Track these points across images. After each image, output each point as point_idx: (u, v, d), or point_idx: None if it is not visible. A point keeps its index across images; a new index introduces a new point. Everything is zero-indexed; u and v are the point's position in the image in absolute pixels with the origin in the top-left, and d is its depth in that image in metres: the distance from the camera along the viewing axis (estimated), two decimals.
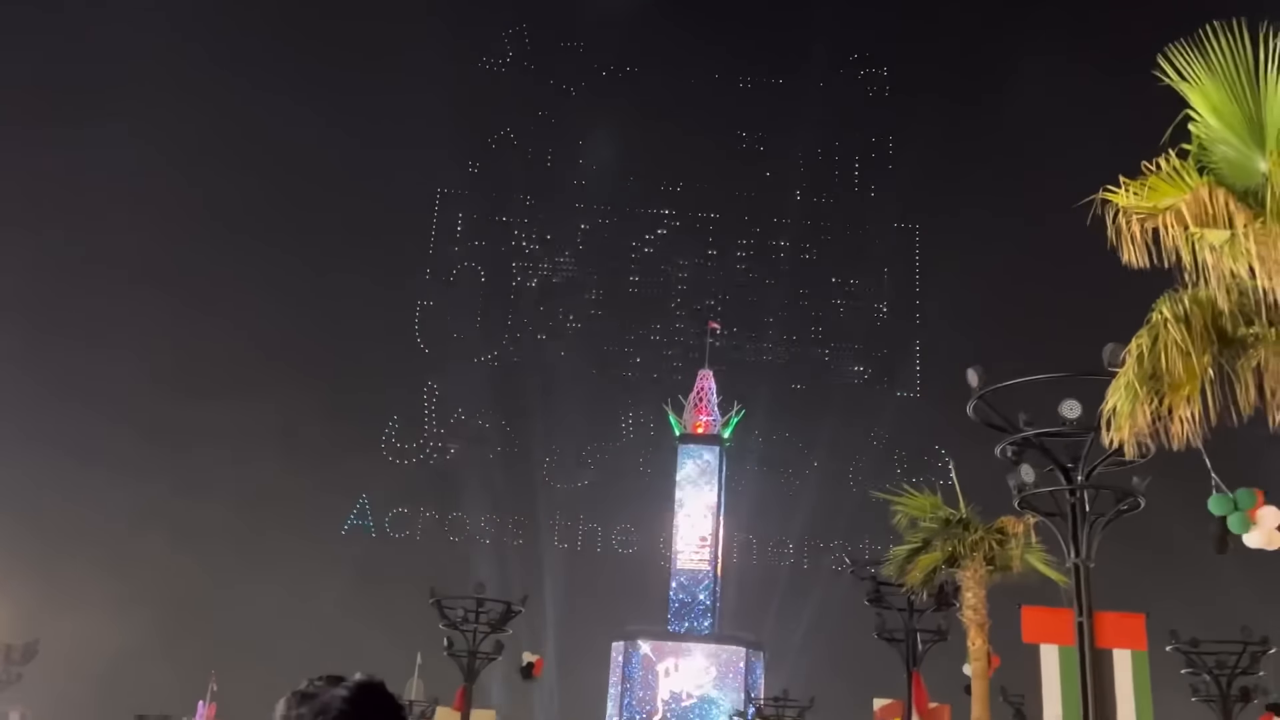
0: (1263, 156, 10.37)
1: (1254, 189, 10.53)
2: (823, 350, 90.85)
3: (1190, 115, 10.88)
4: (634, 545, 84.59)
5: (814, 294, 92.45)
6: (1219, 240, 10.44)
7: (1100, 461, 15.65)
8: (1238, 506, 12.64)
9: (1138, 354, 10.79)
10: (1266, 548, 12.40)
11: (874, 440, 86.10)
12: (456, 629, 30.86)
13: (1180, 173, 10.60)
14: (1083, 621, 14.95)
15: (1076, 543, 15.48)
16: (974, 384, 16.33)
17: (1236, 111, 10.54)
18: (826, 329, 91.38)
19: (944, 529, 20.37)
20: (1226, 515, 12.76)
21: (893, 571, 22.05)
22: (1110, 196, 10.79)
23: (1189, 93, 10.69)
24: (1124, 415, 10.94)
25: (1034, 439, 16.06)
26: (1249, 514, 12.38)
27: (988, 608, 20.52)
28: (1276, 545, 12.42)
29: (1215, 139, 10.76)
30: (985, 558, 19.99)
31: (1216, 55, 10.47)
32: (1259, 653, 28.90)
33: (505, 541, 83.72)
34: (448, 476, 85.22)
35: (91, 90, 79.90)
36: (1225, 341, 11.05)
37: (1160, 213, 10.35)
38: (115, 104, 79.23)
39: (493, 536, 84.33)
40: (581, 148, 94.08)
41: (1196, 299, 10.78)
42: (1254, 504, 12.41)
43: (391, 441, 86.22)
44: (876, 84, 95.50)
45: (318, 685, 2.98)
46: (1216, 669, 29.11)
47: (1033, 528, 19.30)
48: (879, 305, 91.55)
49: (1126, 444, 10.99)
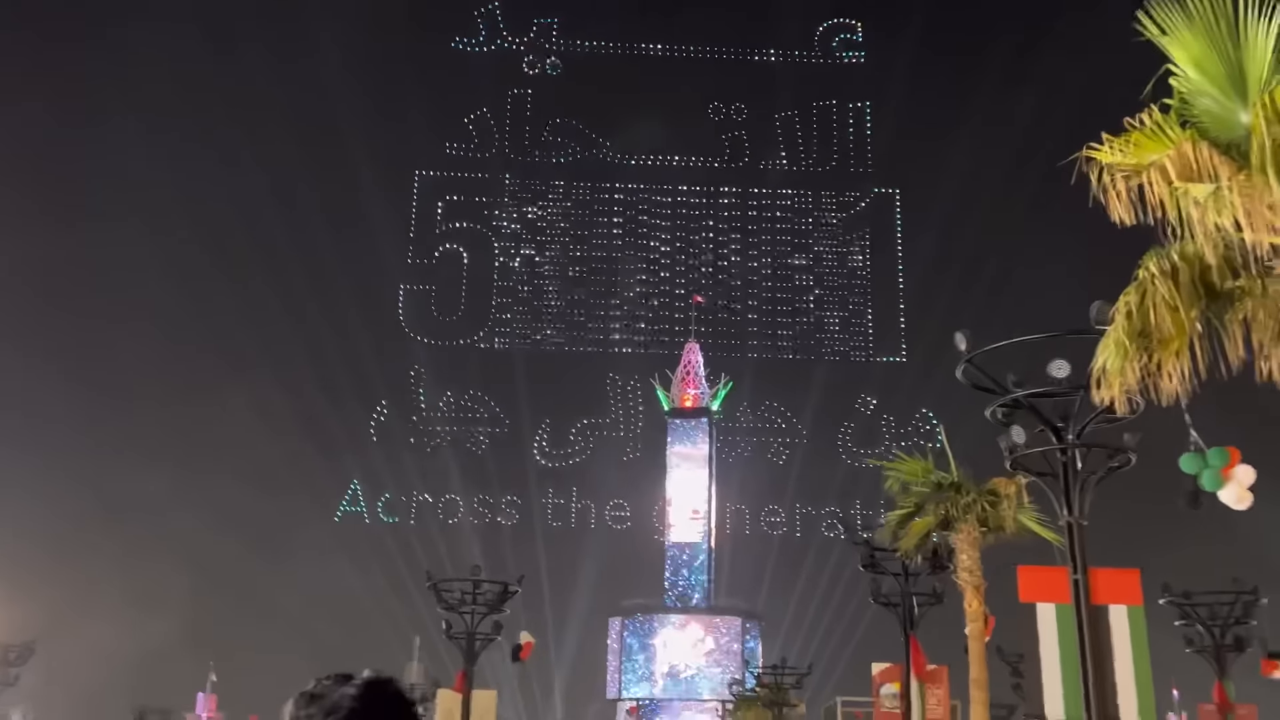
0: (1245, 109, 10.31)
1: (1237, 141, 10.49)
2: (807, 319, 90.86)
3: (1171, 69, 10.83)
4: (628, 521, 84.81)
5: (796, 262, 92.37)
6: (1204, 194, 10.40)
7: (1091, 420, 15.69)
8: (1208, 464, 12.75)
9: (1126, 311, 10.79)
10: (1236, 506, 12.54)
11: (861, 407, 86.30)
12: (454, 611, 30.92)
13: (1163, 127, 10.54)
14: (1078, 579, 15.02)
15: (1069, 501, 15.53)
16: (961, 347, 16.33)
17: (1217, 64, 10.48)
18: (810, 297, 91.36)
19: (936, 493, 20.42)
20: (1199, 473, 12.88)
21: (887, 537, 22.12)
22: (1093, 154, 10.74)
23: (1169, 46, 10.63)
24: (1114, 373, 10.93)
25: (1024, 400, 16.07)
26: (1222, 472, 12.51)
27: (982, 569, 20.63)
28: (1246, 504, 12.59)
29: (1197, 92, 10.70)
30: (978, 520, 20.04)
31: (1196, 7, 10.41)
32: (1250, 602, 29.17)
33: (500, 523, 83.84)
34: (439, 459, 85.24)
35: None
36: (1213, 295, 11.05)
37: (1144, 169, 10.31)
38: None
39: (487, 518, 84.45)
40: (559, 125, 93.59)
41: (1183, 254, 10.75)
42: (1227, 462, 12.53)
43: (382, 425, 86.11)
44: (852, 47, 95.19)
45: (326, 684, 2.88)
46: (1210, 620, 29.38)
47: (1025, 488, 19.35)
48: (862, 270, 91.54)
49: (1117, 401, 10.98)
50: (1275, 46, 10.34)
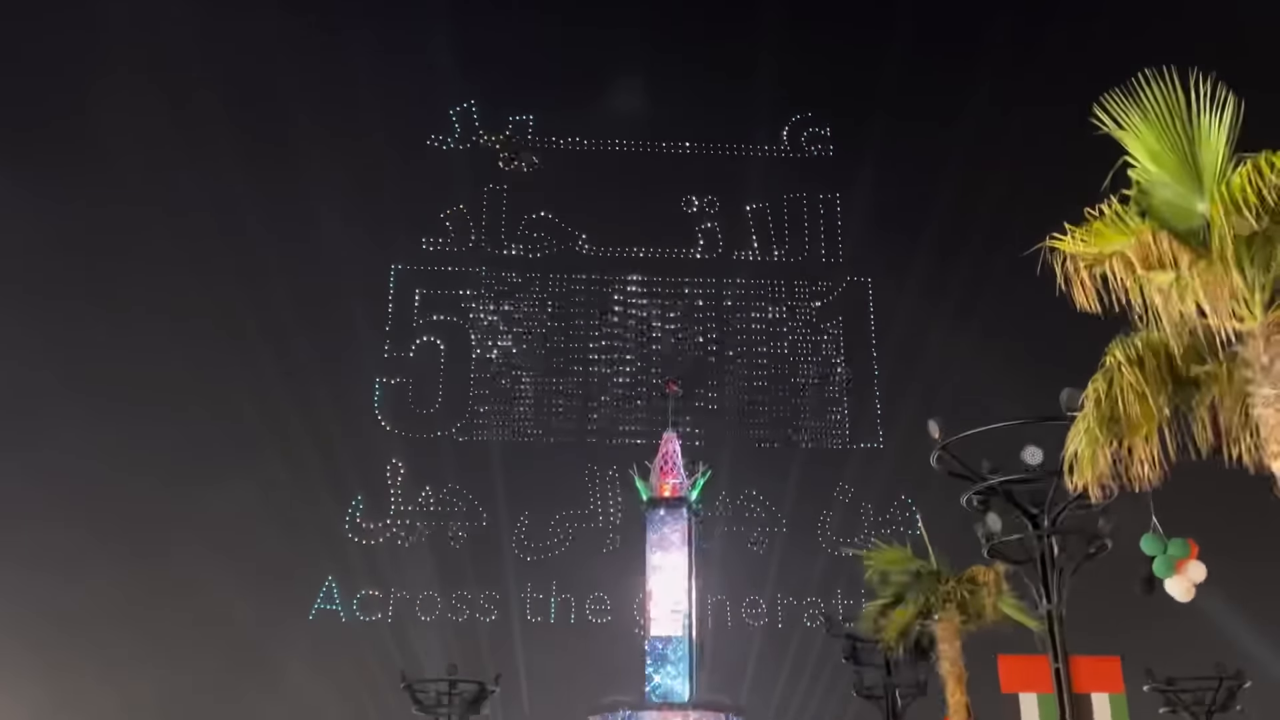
0: (1201, 198, 10.56)
1: (1195, 230, 10.71)
2: (783, 409, 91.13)
3: (1129, 161, 11.10)
4: (608, 615, 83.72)
5: (772, 352, 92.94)
6: (1165, 282, 10.60)
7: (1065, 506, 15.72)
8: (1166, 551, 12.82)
9: (1095, 398, 10.87)
10: (1180, 599, 12.61)
11: (839, 495, 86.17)
12: (430, 713, 30.31)
13: (1123, 217, 10.76)
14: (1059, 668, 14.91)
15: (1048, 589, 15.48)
16: (935, 435, 16.40)
17: (1173, 156, 10.75)
18: (786, 386, 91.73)
19: (916, 581, 20.33)
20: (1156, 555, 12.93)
21: (867, 627, 21.93)
22: (1057, 244, 10.94)
23: (1126, 139, 10.91)
24: (1086, 460, 11.00)
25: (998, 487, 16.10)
26: (1177, 564, 12.61)
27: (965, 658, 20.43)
28: (1189, 598, 12.69)
29: (1155, 183, 10.95)
30: (959, 608, 19.93)
31: (1150, 102, 10.70)
32: (1234, 687, 28.99)
33: (478, 619, 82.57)
34: (417, 554, 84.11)
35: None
36: (1179, 381, 11.18)
37: (1107, 258, 10.50)
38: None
39: (465, 615, 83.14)
40: (535, 220, 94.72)
41: (1148, 341, 10.90)
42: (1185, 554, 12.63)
43: (356, 522, 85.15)
44: (819, 141, 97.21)
45: None
46: (1194, 706, 29.15)
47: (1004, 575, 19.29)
48: (836, 359, 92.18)
49: (1090, 488, 11.04)
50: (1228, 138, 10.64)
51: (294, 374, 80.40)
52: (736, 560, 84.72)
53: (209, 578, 70.09)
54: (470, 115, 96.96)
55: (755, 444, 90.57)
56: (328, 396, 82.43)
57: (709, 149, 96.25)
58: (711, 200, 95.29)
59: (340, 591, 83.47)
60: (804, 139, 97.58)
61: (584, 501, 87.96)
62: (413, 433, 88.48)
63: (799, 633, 78.30)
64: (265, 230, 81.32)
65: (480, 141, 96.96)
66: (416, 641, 72.01)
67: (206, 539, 71.70)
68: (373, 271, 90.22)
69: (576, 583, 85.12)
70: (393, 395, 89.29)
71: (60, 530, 69.44)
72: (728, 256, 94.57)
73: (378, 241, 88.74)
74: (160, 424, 77.44)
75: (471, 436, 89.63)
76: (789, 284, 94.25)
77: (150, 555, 71.58)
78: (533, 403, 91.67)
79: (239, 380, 79.39)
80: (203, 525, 72.02)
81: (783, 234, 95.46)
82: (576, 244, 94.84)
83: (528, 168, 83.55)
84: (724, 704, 74.81)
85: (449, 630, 79.17)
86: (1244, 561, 14.05)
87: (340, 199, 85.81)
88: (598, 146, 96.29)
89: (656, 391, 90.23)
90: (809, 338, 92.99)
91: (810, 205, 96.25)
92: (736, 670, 76.77)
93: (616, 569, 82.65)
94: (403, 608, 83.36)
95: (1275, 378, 10.14)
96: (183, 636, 68.69)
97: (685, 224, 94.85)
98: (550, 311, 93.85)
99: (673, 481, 78.62)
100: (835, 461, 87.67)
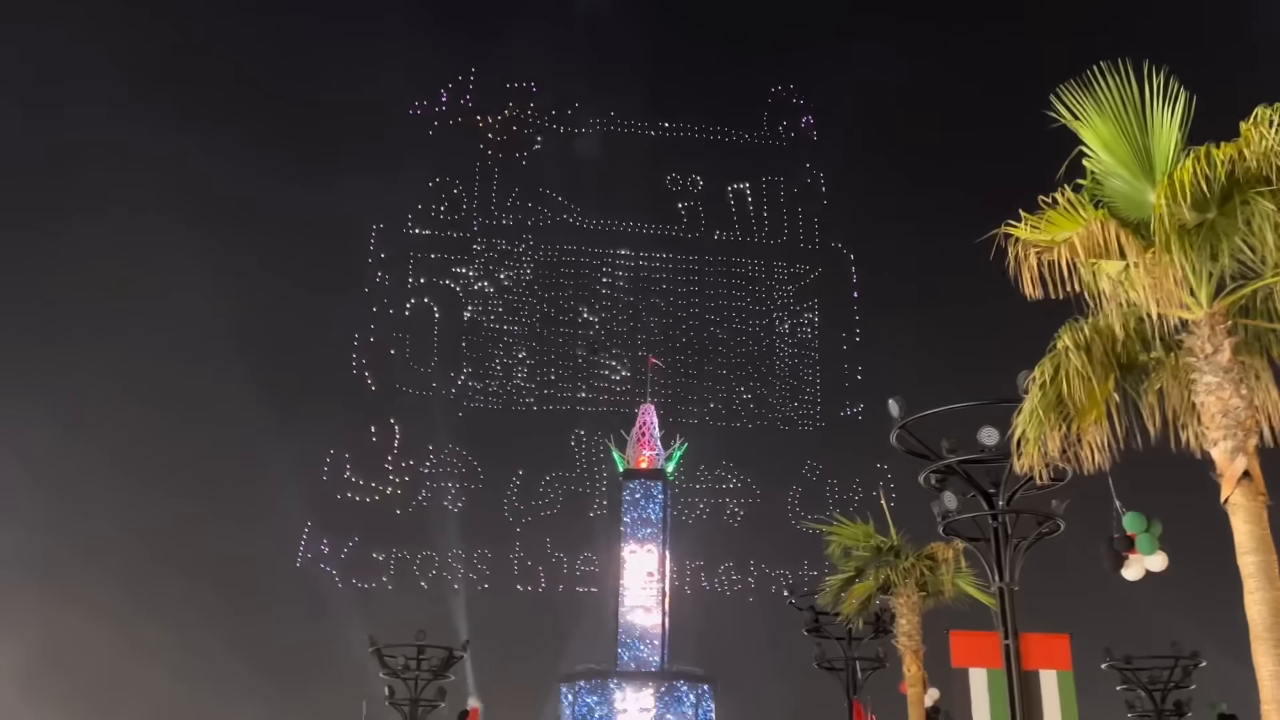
0: (1152, 189, 10.74)
1: (1146, 220, 10.89)
2: (760, 385, 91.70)
3: (1084, 151, 11.27)
4: (589, 583, 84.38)
5: (751, 326, 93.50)
6: (1114, 271, 10.81)
7: (1020, 487, 16.00)
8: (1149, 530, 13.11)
9: (1040, 382, 11.08)
10: (1153, 570, 12.93)
11: (808, 473, 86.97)
12: (398, 677, 30.53)
13: (1075, 206, 10.94)
14: (1009, 644, 15.22)
15: (1000, 567, 15.79)
16: (895, 414, 16.66)
17: (1126, 147, 10.93)
18: (765, 361, 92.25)
19: (876, 557, 20.61)
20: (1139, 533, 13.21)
21: (828, 601, 22.24)
22: (1010, 230, 11.13)
23: (1081, 130, 11.07)
24: (1032, 442, 11.21)
25: (956, 466, 16.36)
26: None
27: (923, 633, 20.76)
28: (1139, 578, 13.12)
29: (1108, 173, 11.13)
30: (917, 584, 20.24)
31: (1105, 94, 10.86)
32: (1190, 666, 29.51)
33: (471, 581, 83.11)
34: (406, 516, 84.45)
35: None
36: (1126, 368, 11.39)
37: (1056, 245, 10.69)
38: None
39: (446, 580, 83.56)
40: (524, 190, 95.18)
41: (1096, 327, 11.08)
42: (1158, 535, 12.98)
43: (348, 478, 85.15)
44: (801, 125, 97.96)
45: None
46: (1150, 684, 29.66)
47: (962, 553, 19.59)
48: (811, 340, 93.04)
49: (1036, 469, 11.24)
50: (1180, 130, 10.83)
51: (286, 338, 79.86)
52: (709, 531, 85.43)
53: (195, 539, 70.28)
54: (467, 86, 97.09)
55: (732, 421, 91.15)
56: (322, 359, 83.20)
57: (697, 131, 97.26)
58: (694, 180, 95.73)
59: (331, 552, 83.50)
60: (785, 126, 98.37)
61: (570, 465, 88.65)
62: (407, 394, 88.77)
63: (769, 603, 79.07)
64: (264, 193, 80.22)
65: (476, 117, 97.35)
66: (398, 603, 72.34)
67: (197, 502, 71.67)
68: (365, 237, 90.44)
69: (561, 547, 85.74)
70: (385, 356, 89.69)
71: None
72: (711, 235, 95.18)
73: (377, 206, 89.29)
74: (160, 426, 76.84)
75: (464, 399, 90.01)
76: (768, 264, 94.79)
77: (134, 518, 71.28)
78: (521, 367, 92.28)
79: (225, 336, 78.39)
80: (195, 487, 71.96)
81: (761, 215, 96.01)
82: (568, 215, 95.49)
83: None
84: (694, 673, 75.52)
85: (421, 593, 79.69)
86: (1199, 550, 14.44)
87: (340, 164, 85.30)
88: (586, 120, 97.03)
89: (639, 363, 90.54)
90: (787, 317, 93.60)
91: (788, 188, 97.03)
92: (708, 639, 77.46)
93: (597, 538, 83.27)
94: (402, 567, 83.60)
95: (1217, 366, 10.36)
96: (164, 599, 68.69)
97: (670, 200, 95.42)
98: (542, 281, 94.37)
99: (649, 453, 78.93)
100: (808, 439, 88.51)
